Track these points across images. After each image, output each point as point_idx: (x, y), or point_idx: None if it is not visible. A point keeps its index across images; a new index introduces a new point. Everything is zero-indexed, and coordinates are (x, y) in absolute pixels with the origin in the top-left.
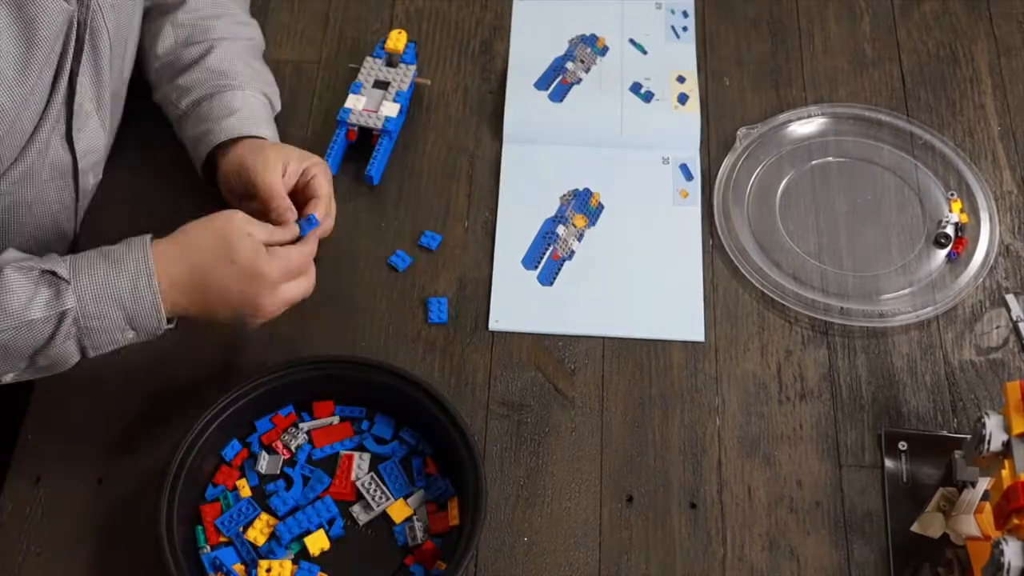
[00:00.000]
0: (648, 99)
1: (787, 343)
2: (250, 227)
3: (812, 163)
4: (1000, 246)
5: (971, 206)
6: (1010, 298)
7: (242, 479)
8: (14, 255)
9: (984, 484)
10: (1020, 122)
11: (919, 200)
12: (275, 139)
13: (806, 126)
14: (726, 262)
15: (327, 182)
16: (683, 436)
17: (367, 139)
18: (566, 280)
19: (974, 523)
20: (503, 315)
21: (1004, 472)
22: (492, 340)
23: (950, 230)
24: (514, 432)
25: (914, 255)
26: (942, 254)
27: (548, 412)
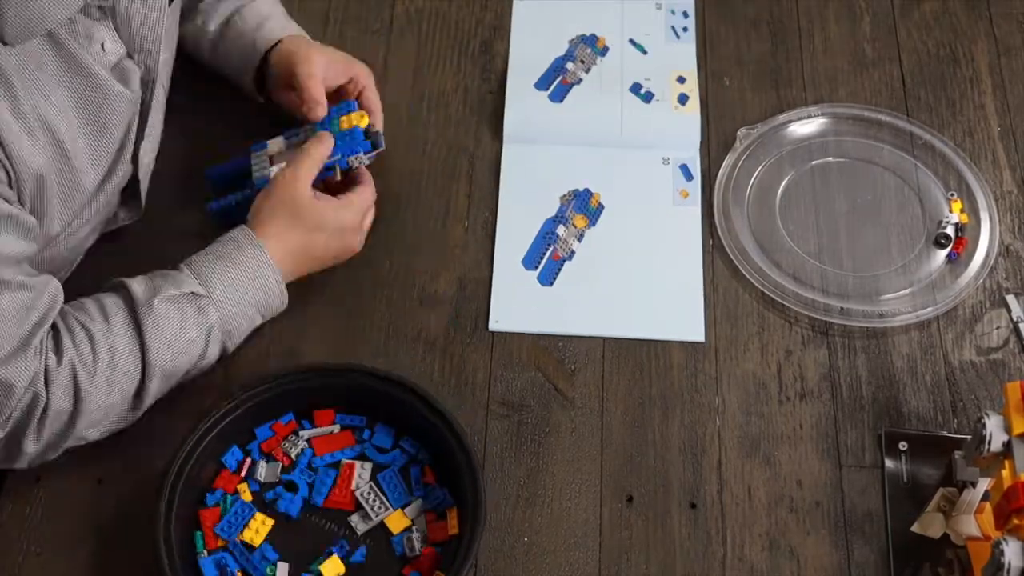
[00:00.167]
0: (648, 99)
1: (787, 343)
2: (307, 188)
3: (812, 163)
4: (1000, 246)
5: (971, 206)
6: (1010, 298)
7: (243, 483)
8: (141, 287)
9: (984, 484)
10: (1020, 122)
11: (919, 200)
12: (299, 31)
13: (806, 126)
14: (726, 262)
15: (375, 93)
16: (683, 436)
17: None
18: (566, 280)
19: (974, 523)
20: (503, 315)
21: (1004, 472)
22: (492, 340)
23: (950, 230)
24: (514, 432)
25: (914, 255)
26: (942, 254)
27: (548, 412)
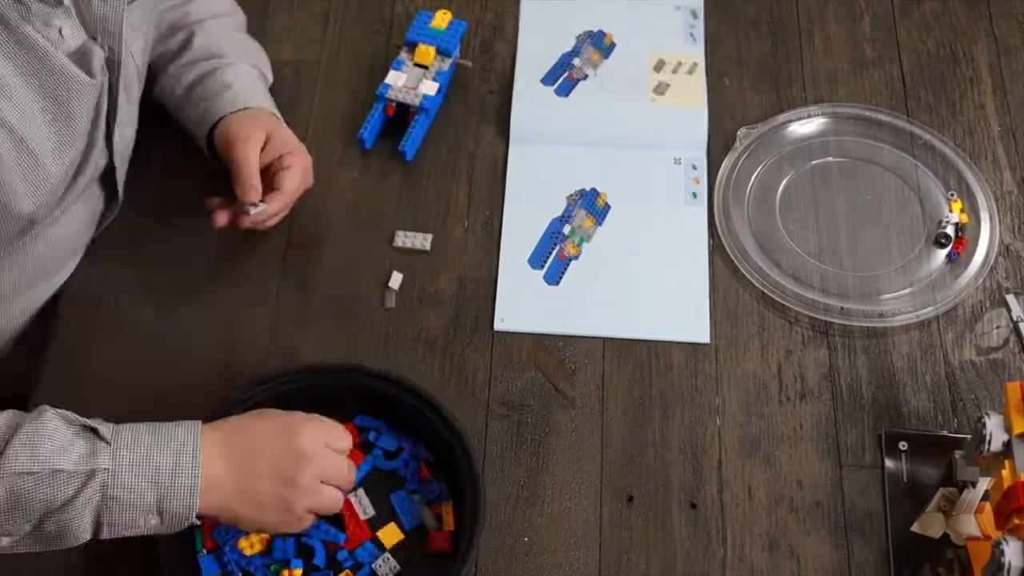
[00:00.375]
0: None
1: (787, 343)
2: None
3: (812, 163)
4: (1000, 246)
5: (971, 206)
6: (1010, 298)
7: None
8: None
9: (984, 484)
10: (1020, 122)
11: (919, 200)
12: (272, 108)
13: (806, 126)
14: (726, 262)
15: (298, 178)
16: (683, 436)
17: (404, 115)
18: (572, 280)
19: (974, 523)
20: (509, 314)
21: (1004, 472)
22: (492, 340)
23: (950, 230)
24: (514, 432)
25: (914, 255)
26: (942, 254)
27: (548, 412)
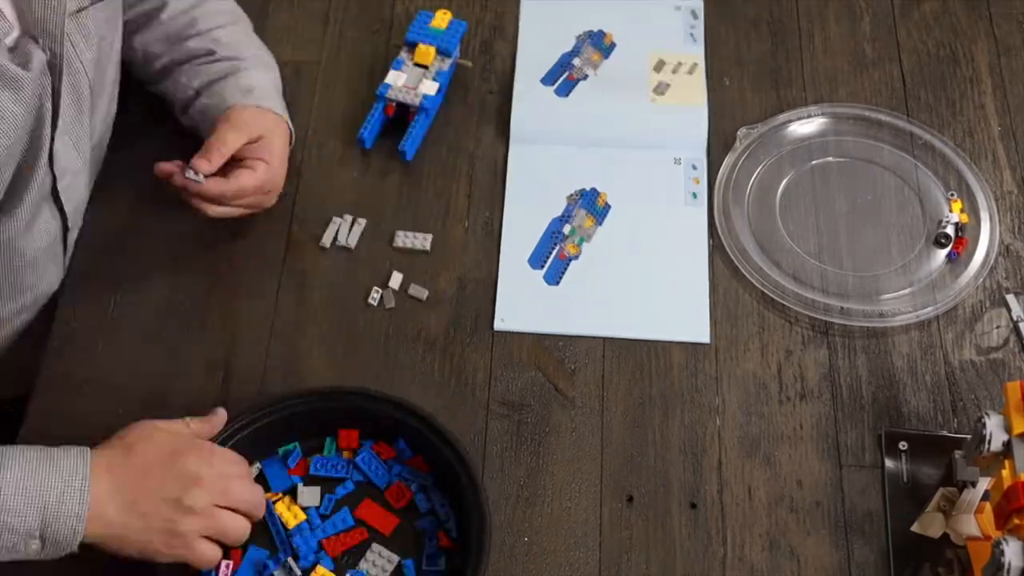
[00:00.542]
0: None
1: (787, 343)
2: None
3: (812, 163)
4: (1000, 246)
5: (971, 206)
6: (1010, 298)
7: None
8: None
9: (984, 484)
10: (1020, 122)
11: (919, 200)
12: (283, 112)
13: (806, 126)
14: (726, 262)
15: (253, 182)
16: (683, 436)
17: (404, 115)
18: (572, 280)
19: (974, 523)
20: (509, 314)
21: (1004, 472)
22: (492, 340)
23: (950, 230)
24: (514, 432)
25: (914, 255)
26: (942, 254)
27: (548, 412)
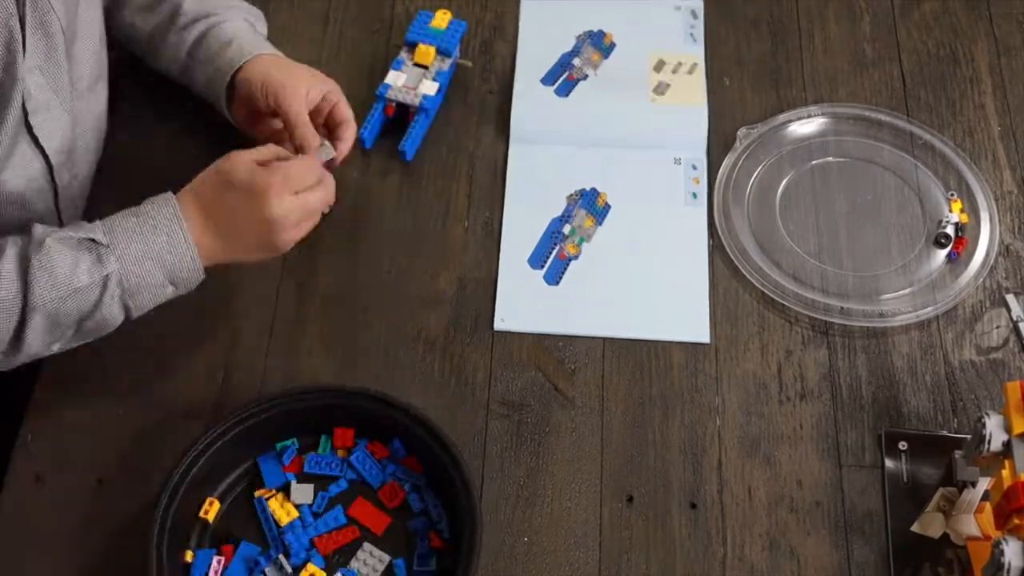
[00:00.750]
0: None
1: (787, 343)
2: (244, 153)
3: (812, 163)
4: (1000, 246)
5: (971, 206)
6: (1010, 298)
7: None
8: (44, 228)
9: (984, 484)
10: (1020, 122)
11: (919, 200)
12: (278, 54)
13: (806, 126)
14: (726, 262)
15: (347, 105)
16: (683, 436)
17: (404, 116)
18: (572, 280)
19: (974, 523)
20: (509, 314)
21: (1004, 472)
22: (492, 340)
23: (950, 230)
24: (514, 432)
25: (914, 255)
26: (942, 254)
27: (548, 412)
